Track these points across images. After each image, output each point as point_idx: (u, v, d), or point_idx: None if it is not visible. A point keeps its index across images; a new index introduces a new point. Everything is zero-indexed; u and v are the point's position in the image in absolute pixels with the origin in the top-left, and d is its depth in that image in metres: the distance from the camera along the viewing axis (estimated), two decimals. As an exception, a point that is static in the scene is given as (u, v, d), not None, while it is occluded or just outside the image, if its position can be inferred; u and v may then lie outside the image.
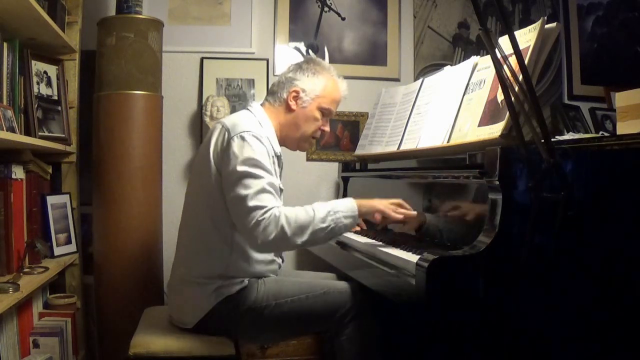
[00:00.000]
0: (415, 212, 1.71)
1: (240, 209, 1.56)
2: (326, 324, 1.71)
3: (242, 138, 1.60)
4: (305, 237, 1.56)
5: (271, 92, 1.84)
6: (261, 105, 1.82)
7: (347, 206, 1.64)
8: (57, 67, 2.25)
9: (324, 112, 1.83)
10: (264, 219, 1.53)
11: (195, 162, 1.77)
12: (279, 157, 1.75)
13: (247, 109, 1.79)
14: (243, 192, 1.56)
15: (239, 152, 1.59)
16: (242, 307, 1.64)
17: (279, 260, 1.84)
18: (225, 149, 1.61)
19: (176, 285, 1.71)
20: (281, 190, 1.69)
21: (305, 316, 1.69)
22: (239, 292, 1.65)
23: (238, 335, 1.67)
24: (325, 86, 1.81)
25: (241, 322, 1.65)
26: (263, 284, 1.70)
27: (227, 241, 1.65)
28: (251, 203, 1.55)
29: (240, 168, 1.57)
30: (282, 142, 1.83)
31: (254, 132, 1.62)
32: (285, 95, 1.79)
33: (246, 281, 1.67)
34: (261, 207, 1.54)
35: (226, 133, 1.63)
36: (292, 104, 1.78)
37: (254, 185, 1.56)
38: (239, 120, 1.67)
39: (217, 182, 1.63)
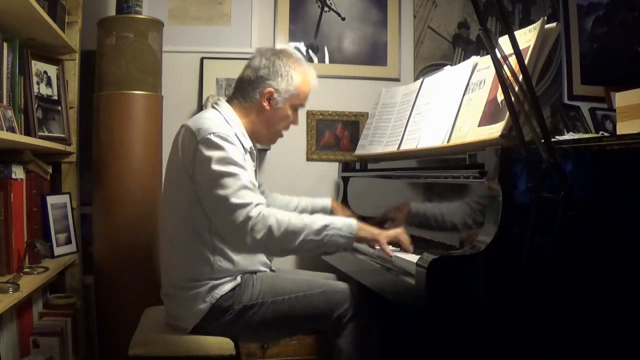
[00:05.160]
0: (411, 249, 1.64)
1: (223, 209, 1.54)
2: (323, 323, 1.70)
3: (208, 140, 1.56)
4: (294, 244, 1.55)
5: (240, 90, 1.75)
6: (229, 102, 1.76)
7: (347, 225, 1.60)
8: (57, 67, 2.25)
9: (296, 107, 1.79)
10: (250, 217, 1.52)
11: (167, 170, 1.72)
12: (251, 152, 1.72)
13: (214, 107, 1.74)
14: (222, 192, 1.54)
15: (209, 154, 1.55)
16: (237, 304, 1.63)
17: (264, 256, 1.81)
18: (193, 154, 1.58)
19: (169, 292, 1.69)
20: (254, 185, 1.65)
21: (302, 315, 1.68)
22: (232, 290, 1.64)
23: (235, 333, 1.66)
24: (298, 84, 1.74)
25: (237, 320, 1.64)
26: (259, 280, 1.69)
27: (207, 245, 1.62)
28: (234, 201, 1.53)
29: (214, 169, 1.55)
30: (252, 137, 1.77)
31: (219, 132, 1.58)
32: (258, 96, 1.72)
33: (239, 278, 1.66)
34: (245, 205, 1.53)
35: (192, 138, 1.59)
36: (266, 104, 1.72)
37: (232, 184, 1.54)
38: (203, 122, 1.62)
39: (191, 188, 1.60)
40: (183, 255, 1.65)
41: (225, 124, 1.66)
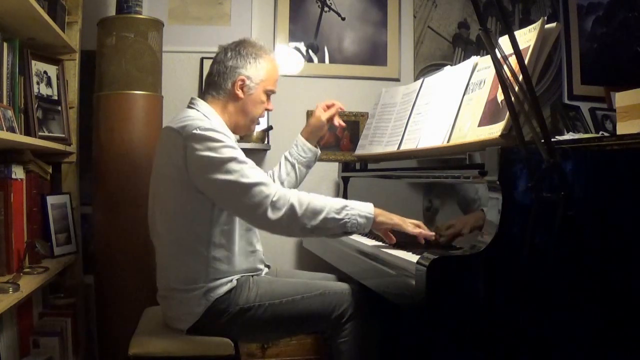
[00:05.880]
0: (433, 233, 1.62)
1: (235, 192, 1.54)
2: (322, 325, 1.69)
3: (195, 135, 1.56)
4: (316, 222, 1.54)
5: (211, 84, 1.77)
6: (203, 99, 1.77)
7: (365, 207, 1.61)
8: (57, 67, 2.25)
9: (269, 93, 1.81)
10: (268, 195, 1.53)
11: (154, 174, 1.72)
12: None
13: (190, 107, 1.74)
14: (229, 176, 1.54)
15: (201, 147, 1.55)
16: (233, 307, 1.63)
17: (261, 250, 1.81)
18: (183, 152, 1.57)
19: (164, 294, 1.68)
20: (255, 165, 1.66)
21: (301, 317, 1.67)
22: (228, 292, 1.63)
23: (233, 335, 1.66)
24: (267, 69, 1.78)
25: (234, 323, 1.63)
26: (255, 283, 1.69)
27: (203, 245, 1.62)
28: (244, 181, 1.53)
29: (212, 159, 1.54)
30: (232, 130, 1.78)
31: (203, 125, 1.59)
32: (229, 86, 1.74)
33: (235, 281, 1.66)
34: (258, 183, 1.53)
35: (178, 138, 1.58)
36: (239, 92, 1.74)
37: (236, 166, 1.55)
38: (184, 120, 1.62)
39: (183, 189, 1.60)
40: (177, 257, 1.64)
41: (206, 119, 1.66)
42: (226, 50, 1.79)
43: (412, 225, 1.64)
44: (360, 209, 1.60)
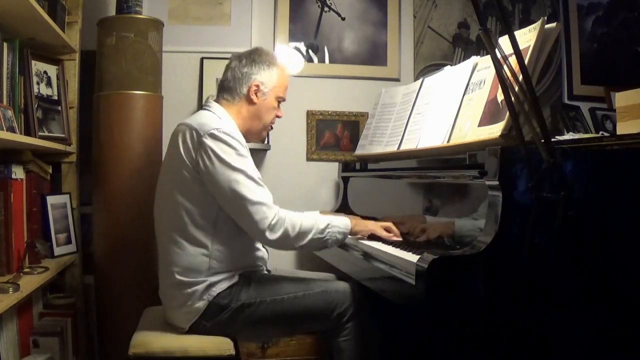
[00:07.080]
0: (400, 239, 1.80)
1: (242, 204, 1.61)
2: (323, 323, 1.71)
3: (213, 135, 1.62)
4: (304, 242, 1.67)
5: (226, 89, 1.83)
6: (217, 102, 1.82)
7: (344, 223, 1.76)
8: (57, 67, 2.25)
9: (280, 100, 1.88)
10: (267, 217, 1.61)
11: (163, 170, 1.76)
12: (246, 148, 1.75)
13: (206, 108, 1.79)
14: (238, 187, 1.61)
15: (217, 150, 1.61)
16: (234, 303, 1.65)
17: (265, 251, 1.84)
18: (198, 149, 1.62)
19: (166, 291, 1.70)
20: (260, 179, 1.71)
21: (302, 314, 1.69)
22: (230, 288, 1.65)
23: (233, 332, 1.67)
24: (278, 76, 1.85)
25: (235, 319, 1.65)
26: (257, 279, 1.70)
27: (206, 237, 1.65)
28: (250, 198, 1.61)
29: (224, 163, 1.61)
30: (245, 135, 1.81)
31: (222, 128, 1.64)
32: (245, 91, 1.81)
33: (236, 277, 1.68)
34: (261, 203, 1.62)
35: (194, 133, 1.64)
36: (254, 97, 1.81)
37: (246, 180, 1.62)
38: (203, 120, 1.68)
39: (191, 186, 1.64)
40: (180, 251, 1.66)
41: (221, 121, 1.69)
42: (240, 57, 1.85)
43: (385, 231, 1.82)
44: (340, 227, 1.74)
